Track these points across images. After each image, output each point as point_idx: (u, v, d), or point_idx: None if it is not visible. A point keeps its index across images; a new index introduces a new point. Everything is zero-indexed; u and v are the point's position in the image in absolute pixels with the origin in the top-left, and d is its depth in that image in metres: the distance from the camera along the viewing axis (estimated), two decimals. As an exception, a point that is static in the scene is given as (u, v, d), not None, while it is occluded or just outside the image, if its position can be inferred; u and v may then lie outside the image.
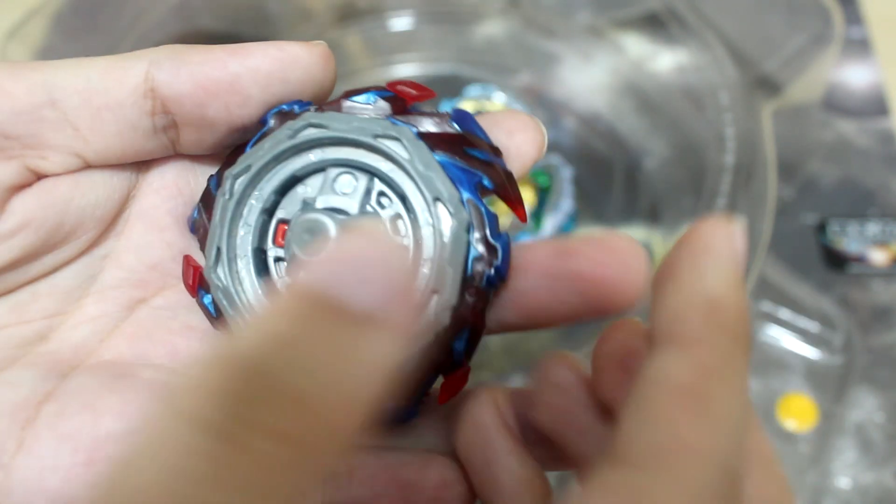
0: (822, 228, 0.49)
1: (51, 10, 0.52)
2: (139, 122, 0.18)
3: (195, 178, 0.20)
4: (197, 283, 0.19)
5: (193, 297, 0.19)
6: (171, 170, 0.20)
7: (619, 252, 0.17)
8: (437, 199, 0.17)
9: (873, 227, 0.49)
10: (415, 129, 0.18)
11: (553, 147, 0.53)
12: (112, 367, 0.18)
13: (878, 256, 0.47)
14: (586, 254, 0.17)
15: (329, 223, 0.18)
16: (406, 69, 0.59)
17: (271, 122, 0.18)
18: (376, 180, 0.18)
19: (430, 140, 0.18)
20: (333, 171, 0.18)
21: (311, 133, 0.18)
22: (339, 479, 0.19)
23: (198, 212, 0.19)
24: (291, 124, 0.18)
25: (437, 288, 0.17)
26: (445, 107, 0.52)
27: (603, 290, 0.16)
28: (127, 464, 0.11)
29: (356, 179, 0.18)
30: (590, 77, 0.55)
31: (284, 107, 0.18)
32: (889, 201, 0.50)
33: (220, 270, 0.18)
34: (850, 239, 0.48)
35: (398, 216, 0.18)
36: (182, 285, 0.19)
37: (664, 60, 0.52)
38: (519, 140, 0.18)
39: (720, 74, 0.46)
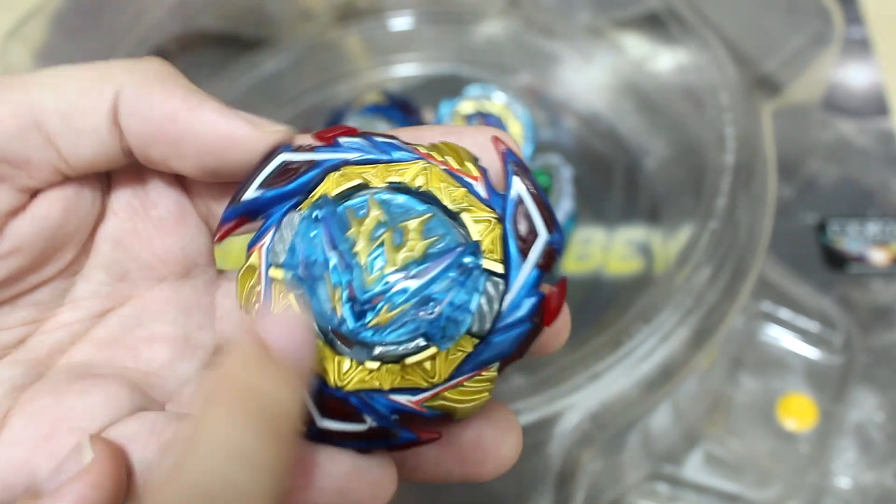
0: (822, 228, 0.49)
1: (51, 10, 0.52)
2: (111, 145, 0.19)
3: (146, 195, 0.21)
4: None
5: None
6: (125, 192, 0.21)
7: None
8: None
9: (873, 227, 0.49)
10: None
11: (553, 147, 0.53)
12: (81, 367, 0.20)
13: (878, 256, 0.47)
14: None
15: None
16: (406, 69, 0.59)
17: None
18: None
19: None
20: None
21: None
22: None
23: None
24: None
25: None
26: (445, 107, 0.52)
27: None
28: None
29: None
30: (590, 77, 0.55)
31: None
32: (889, 201, 0.50)
33: None
34: (850, 239, 0.48)
35: None
36: (147, 296, 0.21)
37: (664, 60, 0.52)
38: None
39: (720, 74, 0.46)
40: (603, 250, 0.49)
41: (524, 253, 0.18)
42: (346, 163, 0.19)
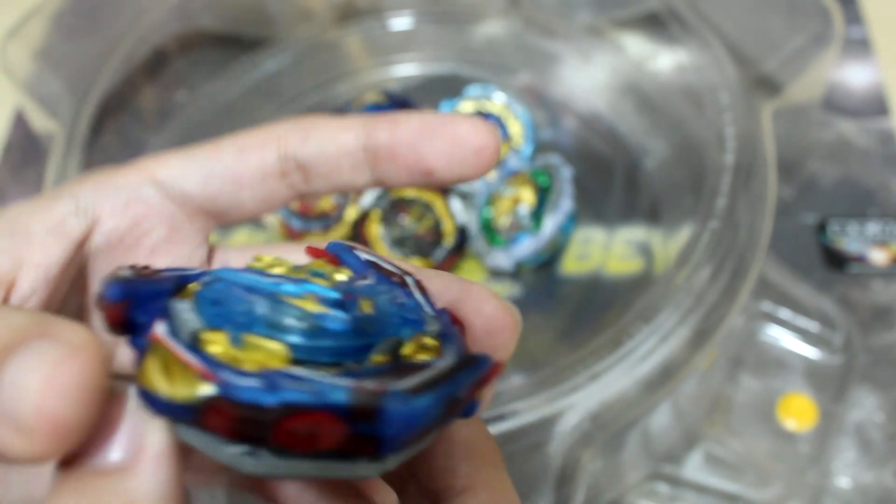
0: (822, 228, 0.49)
1: (51, 10, 0.52)
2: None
3: (138, 226, 0.20)
4: None
5: None
6: (113, 231, 0.20)
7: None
8: None
9: (873, 227, 0.49)
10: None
11: (553, 147, 0.53)
12: None
13: (878, 256, 0.47)
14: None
15: None
16: (406, 69, 0.59)
17: None
18: None
19: None
20: None
21: None
22: None
23: None
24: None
25: None
26: (445, 107, 0.52)
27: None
28: None
29: None
30: (590, 77, 0.55)
31: None
32: (889, 201, 0.50)
33: None
34: (850, 239, 0.48)
35: None
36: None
37: (664, 60, 0.52)
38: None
39: (720, 74, 0.46)
40: (603, 250, 0.49)
41: None
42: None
